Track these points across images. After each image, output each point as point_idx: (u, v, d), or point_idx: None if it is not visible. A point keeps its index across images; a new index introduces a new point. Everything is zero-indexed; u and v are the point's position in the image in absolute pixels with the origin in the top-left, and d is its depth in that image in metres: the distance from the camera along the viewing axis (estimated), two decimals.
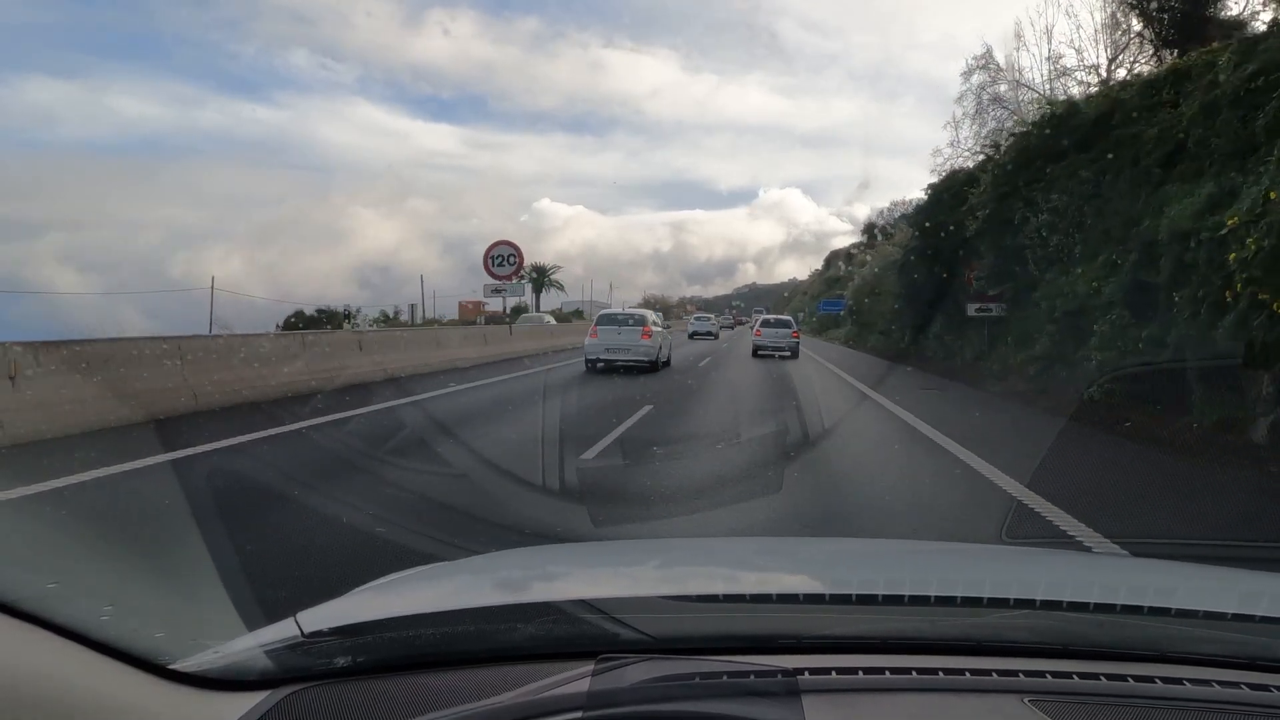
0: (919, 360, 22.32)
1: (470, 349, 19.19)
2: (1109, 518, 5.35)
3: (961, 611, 1.36)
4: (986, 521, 5.50)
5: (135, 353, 9.08)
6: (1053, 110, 18.40)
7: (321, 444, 7.95)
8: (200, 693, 1.11)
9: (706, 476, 6.79)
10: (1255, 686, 1.14)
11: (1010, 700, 1.09)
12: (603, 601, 1.33)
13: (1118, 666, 1.18)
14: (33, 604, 1.04)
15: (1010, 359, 16.55)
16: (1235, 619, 1.33)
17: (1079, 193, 15.51)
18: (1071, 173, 15.89)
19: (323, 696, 1.11)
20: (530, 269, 73.39)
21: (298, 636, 1.23)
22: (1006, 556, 2.59)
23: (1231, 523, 5.77)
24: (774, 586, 1.68)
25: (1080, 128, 16.33)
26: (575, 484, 6.32)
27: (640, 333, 17.24)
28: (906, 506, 5.85)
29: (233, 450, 7.18)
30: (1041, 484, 6.18)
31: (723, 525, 5.17)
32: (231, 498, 5.48)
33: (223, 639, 1.25)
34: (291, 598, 3.38)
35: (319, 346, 13.10)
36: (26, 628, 1.02)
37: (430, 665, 1.19)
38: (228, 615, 2.72)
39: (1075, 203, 15.57)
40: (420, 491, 5.76)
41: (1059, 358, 14.12)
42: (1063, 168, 16.29)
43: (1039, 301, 15.60)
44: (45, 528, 4.74)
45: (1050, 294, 15.15)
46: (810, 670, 1.14)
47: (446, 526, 4.85)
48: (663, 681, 1.10)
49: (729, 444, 8.48)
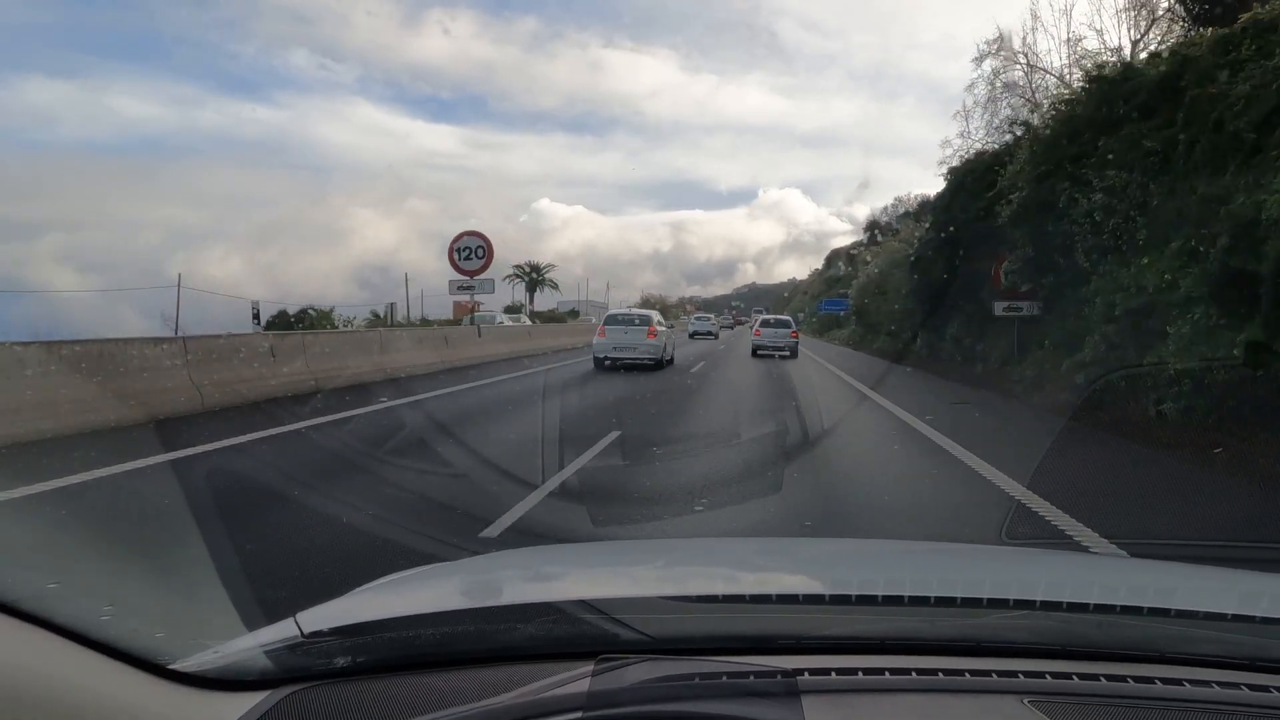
0: (933, 364, 20.88)
1: (426, 354, 16.64)
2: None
3: (961, 612, 1.36)
4: None
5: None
6: (1104, 73, 15.66)
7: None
8: (200, 693, 1.11)
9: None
10: (1255, 687, 1.14)
11: (1010, 701, 1.09)
12: (602, 602, 1.33)
13: (1117, 667, 1.18)
14: (33, 604, 1.04)
15: (1047, 365, 14.37)
16: (1235, 619, 1.33)
17: (1142, 167, 12.97)
18: (1131, 144, 13.29)
19: (323, 697, 1.11)
20: (525, 267, 73.75)
21: (297, 636, 1.23)
22: (1006, 557, 2.59)
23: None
24: (773, 587, 1.68)
25: (1139, 92, 13.73)
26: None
27: (646, 332, 17.91)
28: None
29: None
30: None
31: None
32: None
33: (222, 639, 1.26)
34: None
35: (217, 353, 10.53)
36: (27, 628, 1.02)
37: (430, 665, 1.19)
38: (227, 615, 2.72)
39: (1137, 179, 13.00)
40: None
41: (1117, 364, 11.72)
42: (1120, 139, 13.62)
43: (1091, 298, 13.30)
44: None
45: (1107, 289, 12.80)
46: (810, 671, 1.14)
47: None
48: (662, 682, 1.10)
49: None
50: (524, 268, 74.79)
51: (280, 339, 12.50)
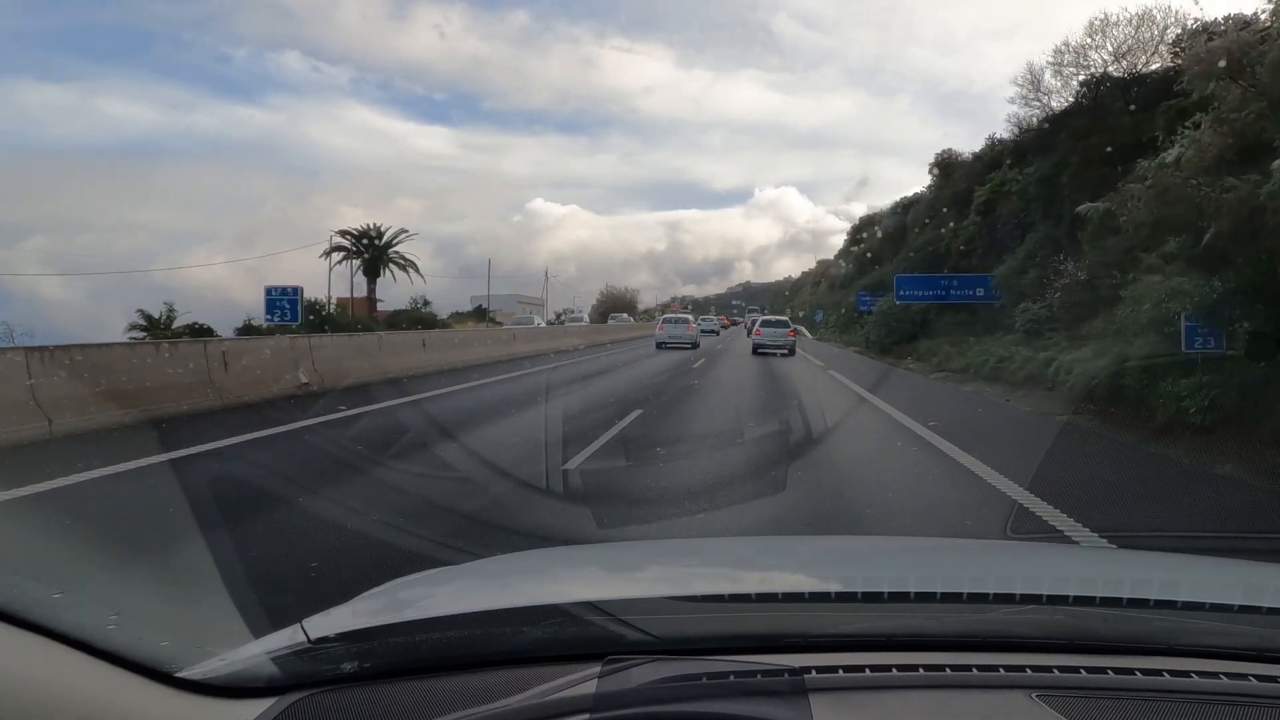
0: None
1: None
2: None
3: (967, 608, 1.36)
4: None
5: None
6: None
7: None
8: (207, 700, 1.11)
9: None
10: (1262, 678, 1.14)
11: (1017, 696, 1.09)
12: (608, 603, 1.33)
13: (1124, 660, 1.18)
14: (39, 614, 1.04)
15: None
16: (1241, 611, 1.33)
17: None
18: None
19: (330, 702, 1.11)
20: (354, 234, 45.02)
21: (304, 643, 1.23)
22: (1011, 552, 2.60)
23: None
24: (779, 585, 1.68)
25: None
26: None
27: (687, 326, 32.60)
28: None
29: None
30: None
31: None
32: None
33: (229, 646, 1.26)
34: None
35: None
36: (33, 638, 1.02)
37: (437, 669, 1.19)
38: (233, 622, 2.72)
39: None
40: None
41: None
42: None
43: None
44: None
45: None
46: (817, 669, 1.14)
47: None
48: (669, 682, 1.10)
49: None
50: (351, 235, 44.81)
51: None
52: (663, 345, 29.20)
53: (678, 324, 32.46)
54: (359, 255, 45.38)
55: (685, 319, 34.99)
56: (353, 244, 45.39)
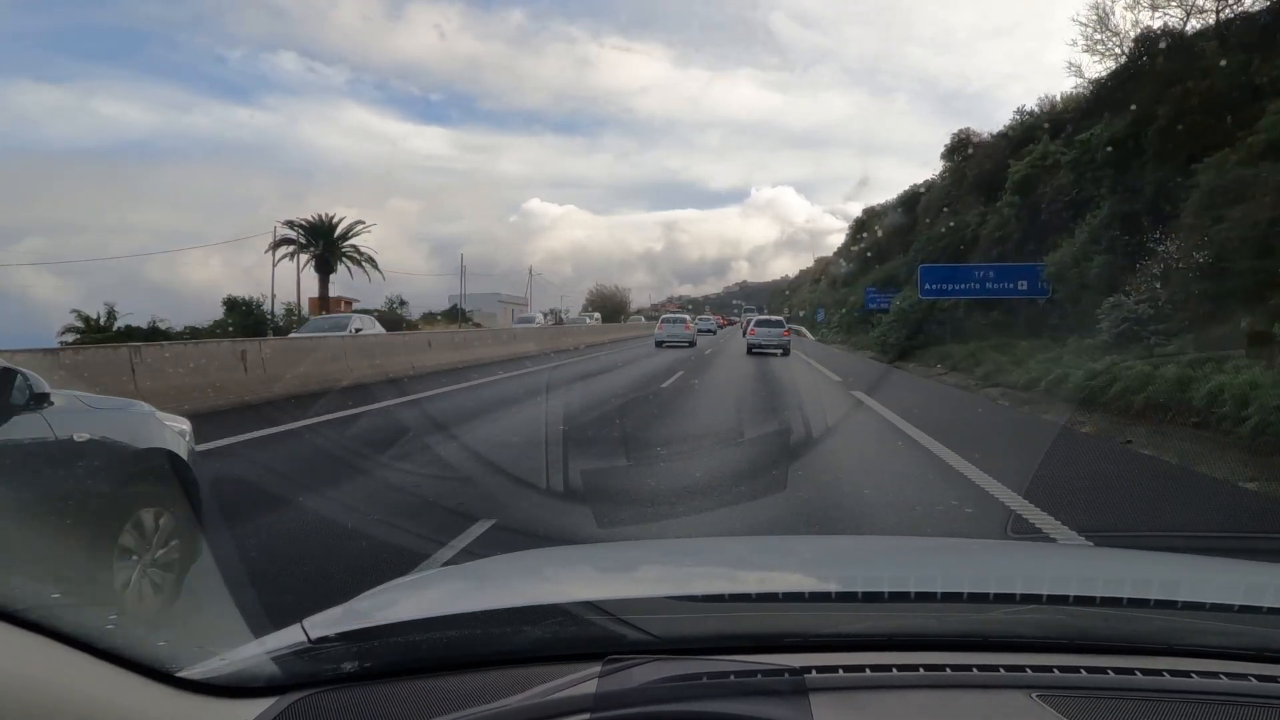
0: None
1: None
2: None
3: (968, 607, 1.36)
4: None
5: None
6: None
7: None
8: (208, 700, 1.11)
9: None
10: (1263, 678, 1.14)
11: (1018, 696, 1.09)
12: (608, 603, 1.33)
13: (1125, 660, 1.17)
14: (39, 613, 1.04)
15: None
16: (1242, 610, 1.33)
17: None
18: None
19: (330, 702, 1.11)
20: (302, 226, 40.05)
21: (304, 642, 1.23)
22: (1012, 551, 2.60)
23: None
24: (779, 585, 1.68)
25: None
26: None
27: (684, 326, 35.57)
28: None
29: None
30: None
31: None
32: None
33: (229, 646, 1.26)
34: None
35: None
36: (33, 638, 1.02)
37: (437, 669, 1.19)
38: (234, 622, 2.72)
39: None
40: None
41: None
42: None
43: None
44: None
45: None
46: (817, 668, 1.14)
47: None
48: (670, 682, 1.10)
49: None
50: (300, 227, 39.99)
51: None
52: (662, 344, 31.34)
53: (676, 324, 35.69)
54: (306, 249, 40.18)
55: (683, 319, 38.42)
56: (302, 236, 40.25)
